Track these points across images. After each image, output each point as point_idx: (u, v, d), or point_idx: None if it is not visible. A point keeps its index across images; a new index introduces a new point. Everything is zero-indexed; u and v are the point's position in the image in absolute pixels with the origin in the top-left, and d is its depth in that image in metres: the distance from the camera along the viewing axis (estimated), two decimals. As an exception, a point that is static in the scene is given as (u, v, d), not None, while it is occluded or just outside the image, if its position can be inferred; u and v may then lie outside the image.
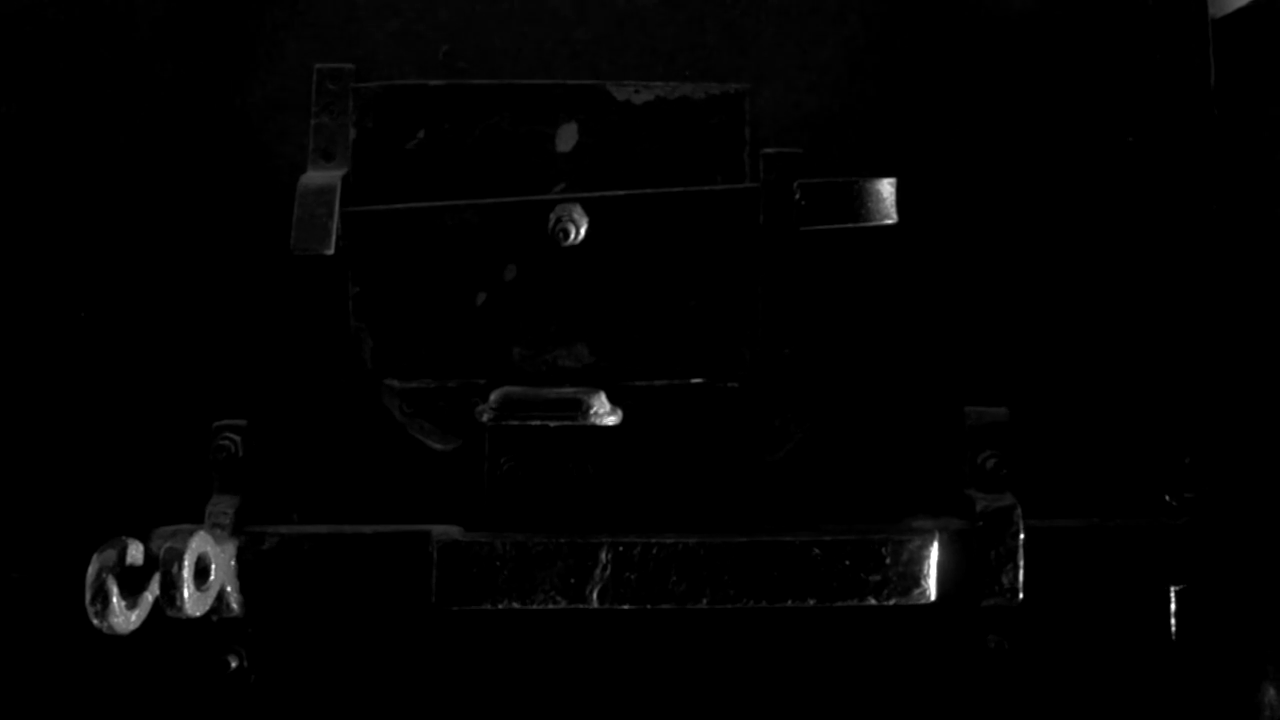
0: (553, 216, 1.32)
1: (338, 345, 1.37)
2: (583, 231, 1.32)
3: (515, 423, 1.28)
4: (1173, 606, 1.43)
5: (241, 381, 1.42)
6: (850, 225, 1.31)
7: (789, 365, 1.37)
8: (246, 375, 1.42)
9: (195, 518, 1.35)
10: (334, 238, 1.28)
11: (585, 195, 1.32)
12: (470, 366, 1.34)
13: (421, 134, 1.33)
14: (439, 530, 1.34)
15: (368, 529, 1.36)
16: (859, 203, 1.30)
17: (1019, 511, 1.37)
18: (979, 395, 1.43)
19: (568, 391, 1.29)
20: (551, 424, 1.28)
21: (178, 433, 1.42)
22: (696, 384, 1.35)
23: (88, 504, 1.43)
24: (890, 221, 1.31)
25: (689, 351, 1.34)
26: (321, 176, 1.31)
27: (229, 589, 1.34)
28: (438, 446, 1.37)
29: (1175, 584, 1.42)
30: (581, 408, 1.28)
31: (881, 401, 1.44)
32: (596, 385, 1.33)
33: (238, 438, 1.38)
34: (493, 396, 1.28)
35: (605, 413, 1.29)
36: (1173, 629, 1.44)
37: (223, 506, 1.36)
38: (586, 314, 1.34)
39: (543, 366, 1.34)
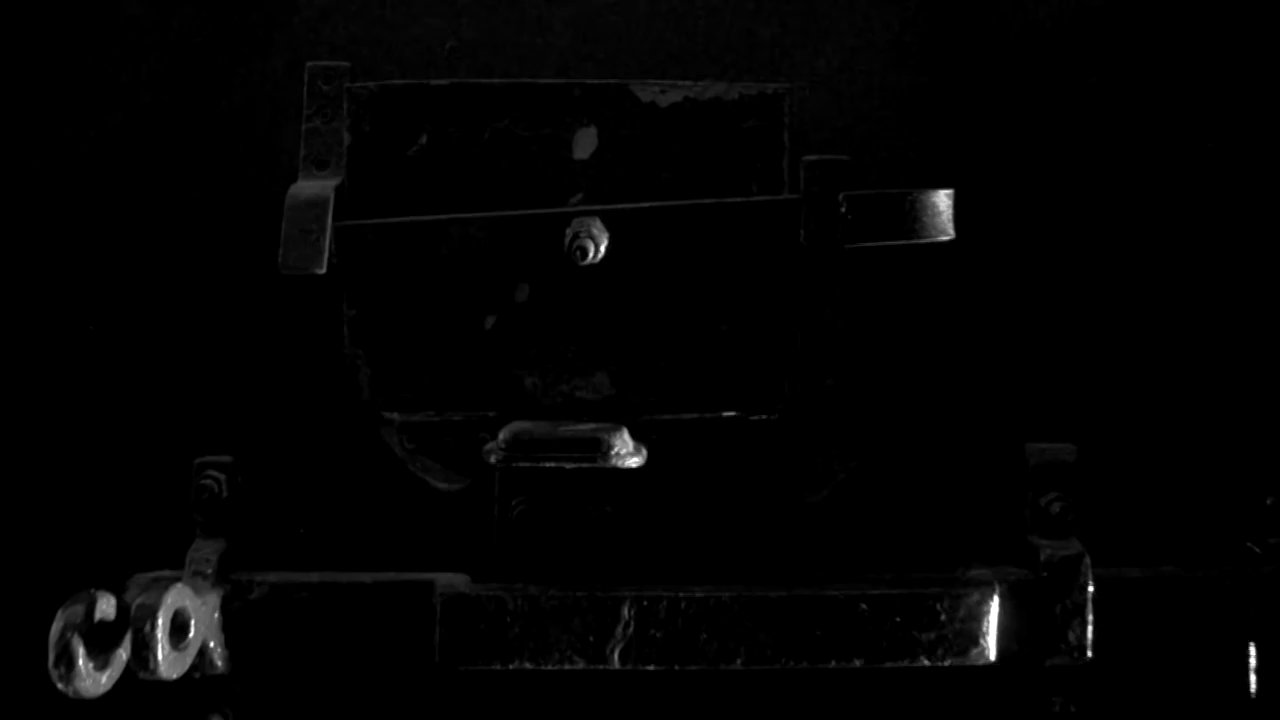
0: (569, 232, 1.19)
1: (331, 374, 1.26)
2: (603, 248, 1.19)
3: (527, 464, 1.15)
4: (1253, 663, 1.30)
5: (226, 414, 1.32)
6: (902, 242, 1.17)
7: (832, 397, 1.25)
8: (231, 407, 1.32)
9: (180, 562, 1.25)
10: (326, 255, 1.17)
11: (605, 208, 1.21)
12: (478, 397, 1.23)
13: (424, 139, 1.22)
14: (444, 580, 1.23)
15: (366, 577, 1.25)
16: (912, 217, 1.17)
17: (1087, 561, 1.25)
18: (1042, 431, 1.32)
19: (585, 428, 1.17)
20: (568, 466, 1.15)
21: (157, 469, 1.32)
22: (729, 418, 1.24)
23: (57, 549, 1.34)
24: (947, 238, 1.19)
25: (721, 382, 1.23)
26: (313, 187, 1.20)
27: (212, 644, 1.23)
28: (442, 486, 1.26)
29: (1257, 639, 1.30)
30: (601, 447, 1.15)
31: (934, 437, 1.33)
32: (618, 419, 1.21)
33: (222, 476, 1.27)
34: (501, 434, 1.16)
35: (628, 453, 1.16)
36: (1253, 688, 1.31)
37: (205, 552, 1.25)
38: (607, 340, 1.22)
39: (558, 398, 1.23)
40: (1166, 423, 1.35)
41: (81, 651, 1.11)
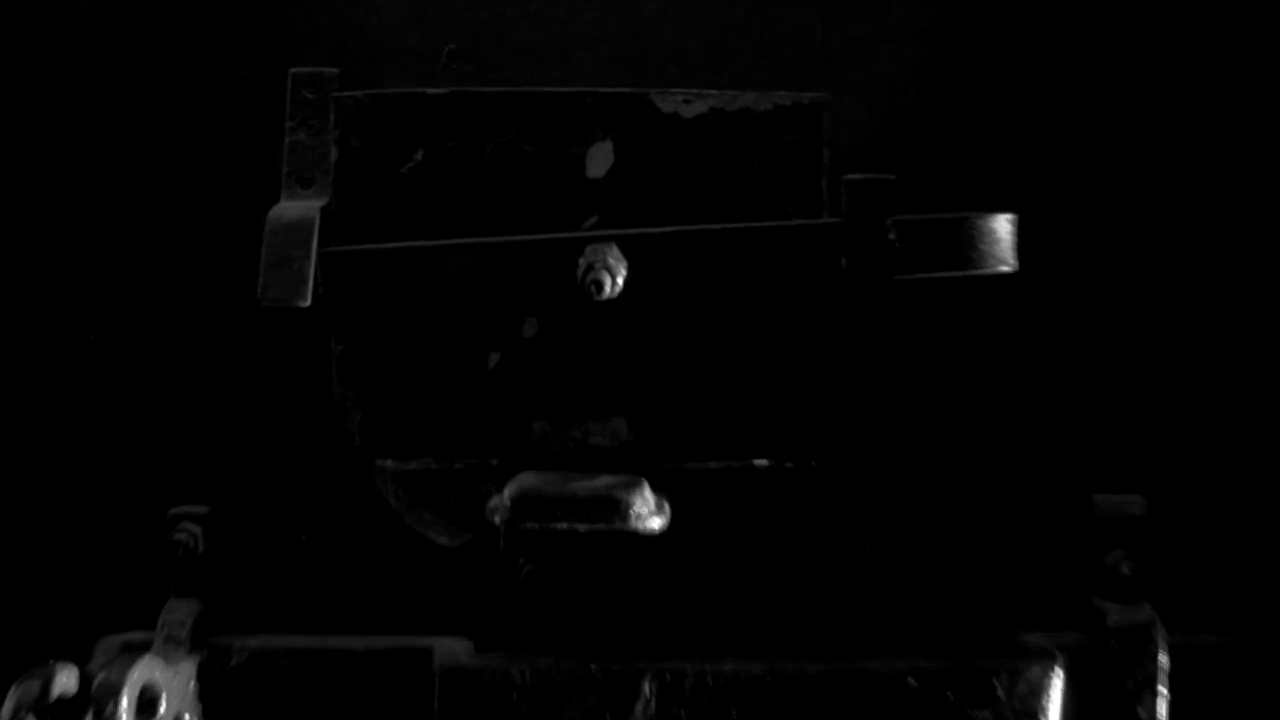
0: (583, 262, 1.09)
1: (318, 416, 1.18)
2: (620, 280, 1.09)
3: (535, 526, 1.04)
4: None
5: (202, 459, 1.23)
6: (958, 273, 1.06)
7: (875, 443, 1.17)
8: (208, 452, 1.23)
9: (154, 619, 1.17)
10: (311, 285, 1.09)
11: (623, 232, 1.11)
12: (481, 444, 1.14)
13: (419, 155, 1.13)
14: (443, 648, 1.15)
15: (357, 643, 1.17)
16: (970, 246, 1.07)
17: (1161, 628, 1.15)
18: (1108, 480, 1.21)
19: (601, 485, 1.07)
20: (581, 529, 1.04)
21: (127, 518, 1.23)
22: (761, 467, 1.14)
23: (17, 604, 1.25)
24: (1008, 269, 1.08)
25: (752, 427, 1.13)
26: (296, 208, 1.11)
27: (187, 717, 1.15)
28: (442, 541, 1.17)
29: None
30: (619, 508, 1.05)
31: (988, 488, 1.22)
32: (636, 469, 1.12)
33: (197, 529, 1.19)
34: (507, 491, 1.07)
35: (649, 513, 1.06)
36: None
37: (179, 614, 1.17)
38: (624, 380, 1.13)
39: (570, 445, 1.13)
40: (1245, 471, 1.24)
41: (37, 733, 1.04)
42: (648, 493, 1.07)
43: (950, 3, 1.23)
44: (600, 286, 1.07)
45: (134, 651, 1.12)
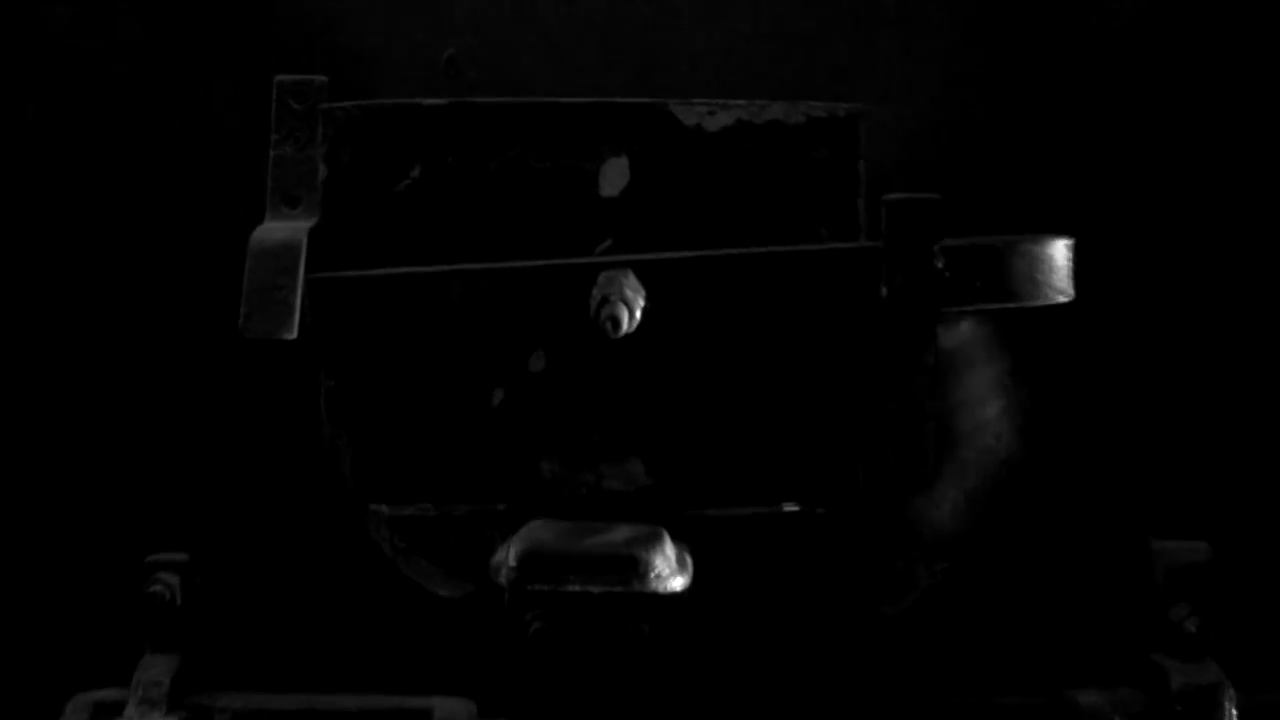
0: (597, 293, 1.01)
1: (308, 457, 1.11)
2: (638, 314, 1.01)
3: (544, 587, 0.95)
4: None
5: (182, 502, 1.17)
6: (1012, 305, 0.97)
7: (916, 487, 1.07)
8: (189, 494, 1.17)
9: (128, 676, 1.12)
10: (298, 315, 1.01)
11: (640, 257, 1.03)
12: (484, 488, 1.07)
13: (416, 172, 1.05)
14: (443, 709, 1.11)
15: (349, 702, 1.13)
16: (1025, 274, 0.99)
17: (1230, 691, 1.07)
18: (1169, 525, 1.13)
19: (618, 541, 0.99)
20: (594, 590, 0.95)
21: (102, 564, 1.17)
22: (791, 513, 1.06)
23: None
24: (1065, 299, 1.01)
25: (781, 469, 1.06)
26: (282, 230, 1.03)
27: None
28: (442, 592, 1.10)
29: None
30: (637, 569, 0.98)
31: (1037, 534, 1.15)
32: (655, 516, 1.04)
33: (175, 579, 1.12)
34: (512, 550, 0.99)
35: (669, 573, 0.98)
36: None
37: (155, 672, 1.11)
38: (642, 418, 1.05)
39: (582, 489, 1.06)
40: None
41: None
42: (669, 548, 0.99)
43: (991, 9, 1.15)
44: (617, 323, 0.98)
45: (107, 713, 1.09)
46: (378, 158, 1.06)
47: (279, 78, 1.07)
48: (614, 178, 1.06)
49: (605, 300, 0.99)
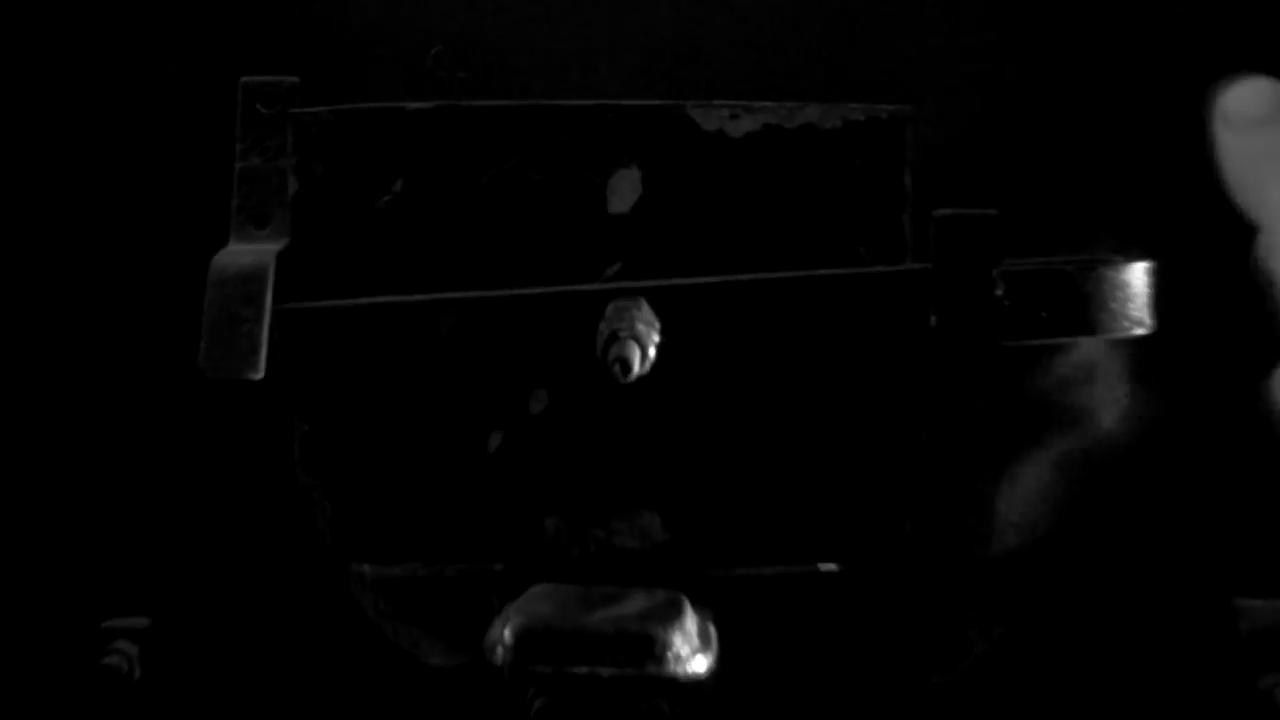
0: (604, 328, 0.88)
1: (280, 510, 1.00)
2: (652, 352, 0.88)
3: (547, 670, 0.83)
4: None
5: (140, 564, 1.05)
6: (1084, 337, 0.86)
7: (968, 542, 0.94)
8: (148, 555, 1.05)
9: None
10: (264, 352, 0.90)
11: (655, 284, 0.91)
12: (480, 545, 0.95)
13: (399, 185, 0.94)
14: None
15: None
16: (1099, 303, 0.87)
17: None
18: (1257, 582, 1.01)
19: (631, 616, 0.87)
20: (604, 673, 0.83)
21: (50, 635, 1.05)
22: (828, 572, 0.95)
23: None
24: (1143, 331, 0.89)
25: (817, 523, 0.94)
26: (247, 254, 0.92)
27: None
28: (434, 662, 0.98)
29: None
30: (653, 650, 0.86)
31: (1104, 594, 1.03)
32: (673, 577, 0.93)
33: (134, 650, 1.01)
34: (508, 628, 0.87)
35: (689, 652, 0.85)
36: None
37: None
38: (657, 465, 0.94)
39: (590, 547, 0.94)
40: None
41: None
42: (689, 622, 0.87)
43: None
44: (627, 366, 0.85)
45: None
46: (355, 169, 0.94)
47: (244, 79, 0.95)
48: (624, 192, 0.94)
49: (614, 338, 0.86)
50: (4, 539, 1.05)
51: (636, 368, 0.86)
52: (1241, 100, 0.91)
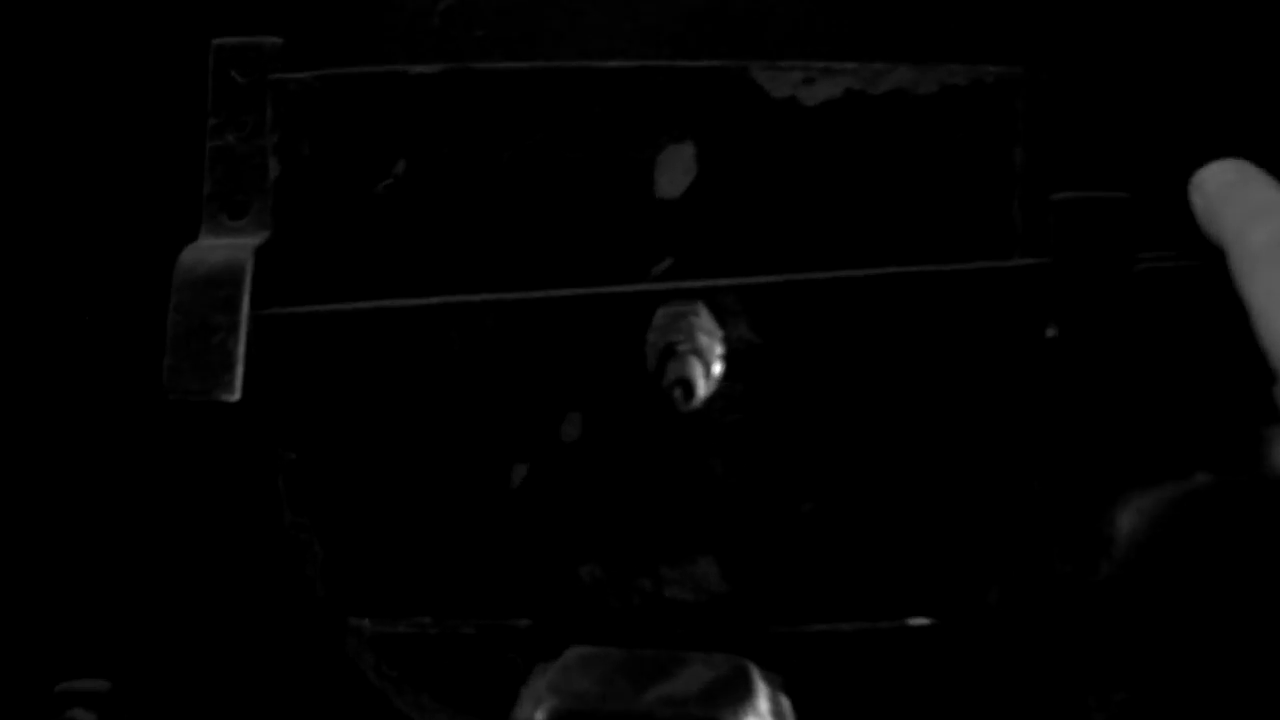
0: (655, 339, 0.76)
1: (264, 554, 0.89)
2: (716, 369, 0.76)
3: None
4: None
5: (99, 617, 0.93)
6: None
7: (1086, 594, 0.82)
8: (107, 607, 0.93)
9: None
10: (240, 368, 0.78)
11: (715, 284, 0.79)
12: (502, 597, 0.83)
13: (401, 167, 0.82)
14: None
15: None
16: None
17: None
18: None
19: (691, 692, 0.74)
20: None
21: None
22: (919, 628, 0.82)
23: None
24: None
25: (905, 570, 0.82)
26: (220, 250, 0.81)
27: None
28: None
29: None
30: None
31: (1237, 651, 0.87)
32: (733, 635, 0.81)
33: (91, 717, 0.90)
34: (541, 714, 0.75)
35: None
36: None
37: None
38: (715, 503, 0.81)
39: (635, 599, 0.82)
40: None
41: None
42: (762, 702, 0.75)
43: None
44: (690, 390, 0.73)
45: None
46: (349, 148, 0.82)
47: (217, 41, 0.83)
48: (675, 172, 0.81)
49: (671, 353, 0.73)
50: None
51: (700, 390, 0.73)
52: None
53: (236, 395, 0.77)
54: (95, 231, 0.91)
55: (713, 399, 0.77)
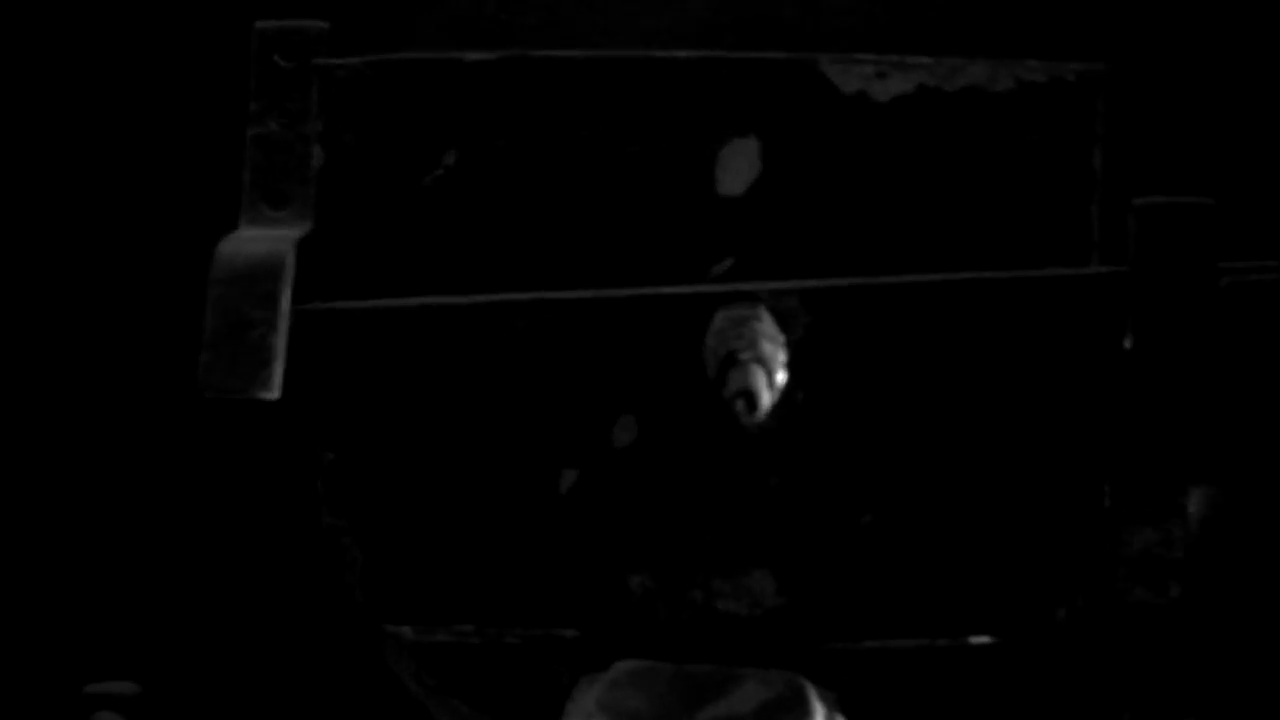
0: (715, 345, 0.76)
1: (301, 558, 0.92)
2: (780, 377, 0.75)
3: None
4: None
5: (133, 618, 0.96)
6: None
7: (1158, 614, 0.81)
8: (137, 609, 0.96)
9: None
10: (280, 365, 0.79)
11: (780, 286, 0.80)
12: (548, 606, 0.84)
13: (451, 158, 0.84)
14: None
15: None
16: None
17: None
18: None
19: (746, 712, 0.75)
20: None
21: (23, 700, 0.97)
22: (981, 646, 0.82)
23: None
24: None
25: (969, 586, 0.82)
26: (260, 242, 0.82)
27: None
28: None
29: None
30: None
31: None
32: (790, 650, 0.81)
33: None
34: None
35: None
36: None
37: None
38: (770, 514, 0.82)
39: (685, 612, 0.82)
40: None
41: None
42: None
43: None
44: (754, 401, 0.74)
45: None
46: (397, 138, 0.84)
47: (260, 24, 0.84)
48: (738, 168, 0.83)
49: (733, 361, 0.73)
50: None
51: (764, 401, 0.74)
52: None
53: (275, 393, 0.79)
54: (132, 221, 0.92)
55: (773, 406, 0.77)
